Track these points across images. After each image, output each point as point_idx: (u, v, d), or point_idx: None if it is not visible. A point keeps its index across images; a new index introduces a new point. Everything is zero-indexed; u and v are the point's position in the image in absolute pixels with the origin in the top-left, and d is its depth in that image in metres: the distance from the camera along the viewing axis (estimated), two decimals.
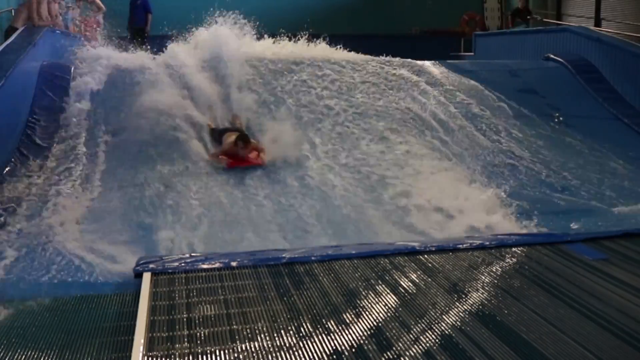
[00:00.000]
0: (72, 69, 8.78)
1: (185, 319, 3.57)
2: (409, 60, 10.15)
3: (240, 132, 7.31)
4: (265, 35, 10.19)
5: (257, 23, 9.88)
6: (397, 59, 10.11)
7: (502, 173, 7.35)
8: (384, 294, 3.89)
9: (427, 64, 10.22)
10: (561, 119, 9.01)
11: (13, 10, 12.15)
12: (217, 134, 7.52)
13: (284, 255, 4.59)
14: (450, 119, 8.55)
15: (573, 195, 6.85)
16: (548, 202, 6.68)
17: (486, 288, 3.99)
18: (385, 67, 9.79)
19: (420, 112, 8.61)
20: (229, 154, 7.09)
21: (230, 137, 7.20)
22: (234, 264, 4.45)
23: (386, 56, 10.18)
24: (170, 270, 4.34)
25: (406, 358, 3.08)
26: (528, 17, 14.81)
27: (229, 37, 9.35)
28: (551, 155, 7.86)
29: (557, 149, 8.05)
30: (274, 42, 10.15)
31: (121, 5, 13.79)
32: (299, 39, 10.26)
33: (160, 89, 8.04)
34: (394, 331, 3.37)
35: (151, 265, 4.41)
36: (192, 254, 4.71)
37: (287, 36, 10.32)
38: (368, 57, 10.06)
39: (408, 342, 3.24)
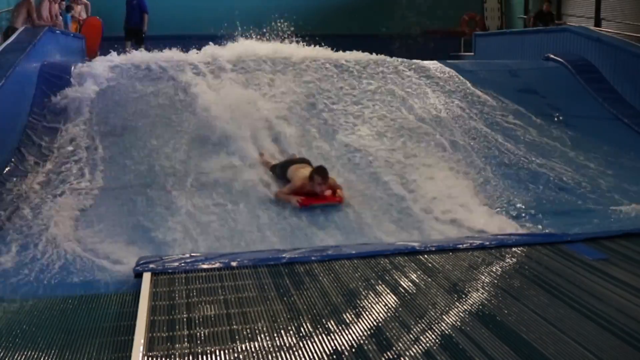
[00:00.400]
0: (72, 68, 8.78)
1: (185, 319, 3.57)
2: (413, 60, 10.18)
3: (318, 166, 6.24)
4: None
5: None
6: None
7: (501, 173, 7.34)
8: (384, 294, 3.89)
9: (426, 63, 10.22)
10: (561, 118, 9.01)
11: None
12: (278, 169, 6.57)
13: (284, 255, 4.59)
14: (449, 119, 8.55)
15: (573, 195, 6.84)
16: (548, 202, 6.68)
17: (486, 288, 3.99)
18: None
19: (420, 112, 8.61)
20: (301, 192, 6.05)
21: (302, 171, 6.20)
22: (234, 264, 4.45)
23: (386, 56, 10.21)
24: (170, 270, 4.34)
25: (406, 358, 3.08)
26: (551, 20, 13.87)
27: None
28: (551, 155, 7.85)
29: (556, 149, 8.05)
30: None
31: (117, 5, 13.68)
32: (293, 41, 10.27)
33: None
34: (394, 331, 3.37)
35: (151, 265, 4.41)
36: (192, 254, 4.71)
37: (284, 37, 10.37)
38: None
39: (408, 342, 3.24)
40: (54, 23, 10.76)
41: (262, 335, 3.34)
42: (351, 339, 3.29)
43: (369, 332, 3.36)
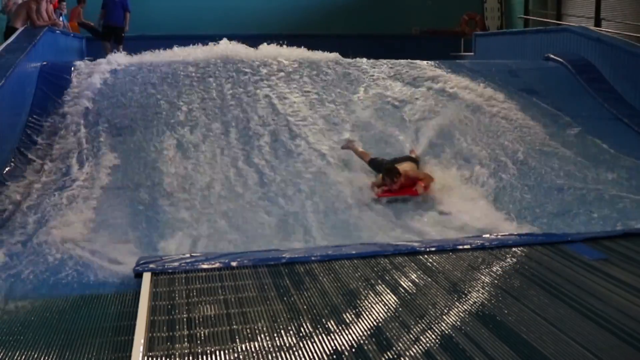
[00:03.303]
0: (72, 68, 8.79)
1: (185, 319, 3.57)
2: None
3: (392, 166, 6.82)
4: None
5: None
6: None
7: (501, 173, 7.35)
8: (384, 294, 3.89)
9: (425, 63, 10.22)
10: (561, 119, 9.00)
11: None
12: (375, 164, 7.20)
13: (284, 255, 4.59)
14: (449, 119, 8.55)
15: (573, 195, 6.85)
16: (548, 202, 6.68)
17: (486, 288, 3.99)
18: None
19: (420, 112, 8.62)
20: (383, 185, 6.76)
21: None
22: (234, 264, 4.45)
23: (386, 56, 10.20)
24: (170, 270, 4.34)
25: (406, 358, 3.08)
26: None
27: None
28: (551, 155, 7.85)
29: (556, 149, 8.05)
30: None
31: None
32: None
33: None
34: (394, 331, 3.36)
35: (151, 265, 4.40)
36: (192, 254, 4.71)
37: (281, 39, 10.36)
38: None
39: (408, 342, 3.24)
40: (53, 23, 10.76)
41: (262, 335, 3.34)
42: (351, 339, 3.29)
43: (369, 332, 3.36)
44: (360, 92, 9.01)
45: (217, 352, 3.16)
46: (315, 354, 3.13)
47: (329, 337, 3.30)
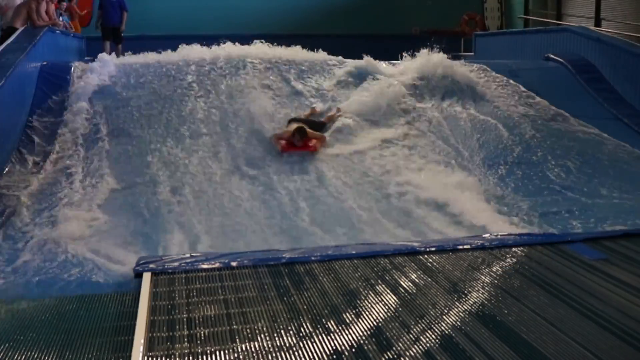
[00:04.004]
0: (72, 68, 8.78)
1: (185, 319, 3.57)
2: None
3: (301, 126, 7.75)
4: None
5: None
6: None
7: (501, 173, 7.35)
8: (384, 294, 3.89)
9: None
10: (561, 119, 9.00)
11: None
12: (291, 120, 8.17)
13: (284, 255, 4.59)
14: (448, 118, 8.55)
15: (573, 195, 6.85)
16: (548, 202, 6.68)
17: (486, 288, 3.99)
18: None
19: (419, 111, 8.62)
20: (288, 141, 7.67)
21: (292, 127, 7.79)
22: (234, 264, 4.45)
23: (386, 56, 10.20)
24: (170, 270, 4.34)
25: (406, 358, 3.08)
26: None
27: None
28: (550, 155, 7.85)
29: (556, 149, 8.05)
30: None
31: None
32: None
33: None
34: (394, 331, 3.36)
35: (151, 265, 4.40)
36: (192, 254, 4.71)
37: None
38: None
39: (408, 342, 3.24)
40: (53, 23, 10.76)
41: (262, 335, 3.34)
42: (351, 339, 3.29)
43: (369, 332, 3.36)
44: None
45: (217, 352, 3.16)
46: (315, 354, 3.13)
47: (329, 337, 3.30)
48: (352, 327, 3.43)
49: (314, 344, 3.23)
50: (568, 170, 7.47)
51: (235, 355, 3.14)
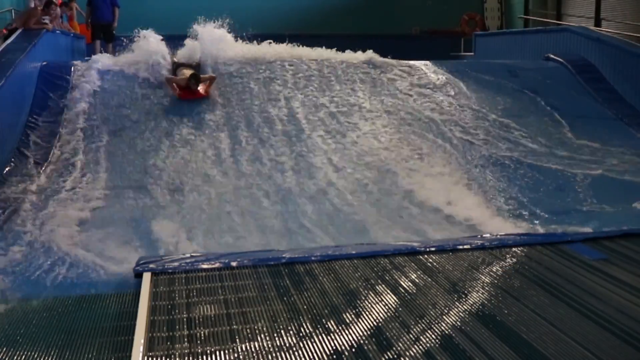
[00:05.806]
0: (72, 68, 8.78)
1: (185, 319, 3.57)
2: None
3: (195, 72, 8.47)
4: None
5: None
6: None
7: (501, 173, 7.34)
8: (384, 294, 3.89)
9: (421, 64, 10.22)
10: (561, 119, 9.00)
11: (13, 11, 12.20)
12: (175, 67, 8.83)
13: (284, 255, 4.59)
14: (448, 118, 8.55)
15: (573, 195, 6.84)
16: (548, 202, 6.68)
17: (486, 288, 3.99)
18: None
19: (419, 112, 8.62)
20: (182, 87, 8.35)
21: (185, 73, 8.42)
22: (234, 264, 4.45)
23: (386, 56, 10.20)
24: (170, 270, 4.34)
25: (406, 358, 3.08)
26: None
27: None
28: (550, 155, 7.85)
29: (556, 149, 8.05)
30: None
31: None
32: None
33: None
34: (394, 331, 3.37)
35: (151, 265, 4.41)
36: (192, 254, 4.71)
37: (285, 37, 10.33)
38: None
39: (408, 342, 3.24)
40: (54, 24, 10.73)
41: (262, 335, 3.34)
42: (351, 339, 3.29)
43: (369, 332, 3.36)
44: None
45: (217, 352, 3.16)
46: (315, 354, 3.13)
47: (329, 337, 3.31)
48: (352, 327, 3.43)
49: (314, 344, 3.23)
50: (568, 170, 7.47)
51: (235, 355, 3.14)
